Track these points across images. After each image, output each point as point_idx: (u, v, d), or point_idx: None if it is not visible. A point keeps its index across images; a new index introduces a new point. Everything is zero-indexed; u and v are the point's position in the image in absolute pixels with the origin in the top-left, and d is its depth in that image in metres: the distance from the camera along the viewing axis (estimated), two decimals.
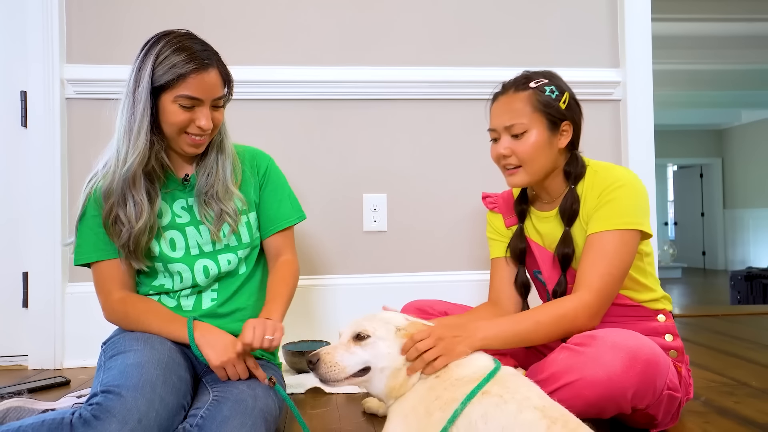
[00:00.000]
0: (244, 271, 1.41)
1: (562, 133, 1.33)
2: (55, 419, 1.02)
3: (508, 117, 1.31)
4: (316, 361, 1.13)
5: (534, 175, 1.33)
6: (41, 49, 2.00)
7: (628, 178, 1.29)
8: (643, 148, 2.21)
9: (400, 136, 2.17)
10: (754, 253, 8.10)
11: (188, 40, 1.27)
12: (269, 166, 1.47)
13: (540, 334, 1.21)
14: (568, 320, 1.19)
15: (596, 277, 1.22)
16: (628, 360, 1.08)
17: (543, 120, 1.30)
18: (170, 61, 1.23)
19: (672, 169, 9.89)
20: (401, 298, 1.65)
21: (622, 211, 1.25)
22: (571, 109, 1.33)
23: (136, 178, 1.26)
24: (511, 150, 1.32)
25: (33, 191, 2.00)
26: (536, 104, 1.30)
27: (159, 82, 1.23)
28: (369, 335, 1.14)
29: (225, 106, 1.35)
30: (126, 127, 1.26)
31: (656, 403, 1.17)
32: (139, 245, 1.29)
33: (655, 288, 1.36)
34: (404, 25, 2.17)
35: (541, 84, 1.31)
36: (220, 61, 1.31)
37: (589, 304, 1.20)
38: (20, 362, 2.04)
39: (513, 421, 0.97)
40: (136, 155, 1.25)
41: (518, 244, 1.43)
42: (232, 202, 1.35)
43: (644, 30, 2.22)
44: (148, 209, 1.28)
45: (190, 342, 1.23)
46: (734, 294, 5.35)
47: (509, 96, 1.33)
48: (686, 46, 4.99)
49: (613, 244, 1.24)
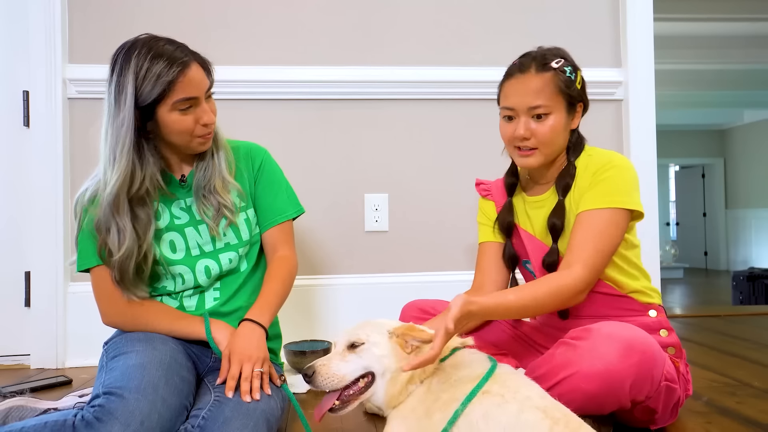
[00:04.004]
0: (246, 268, 1.41)
1: (576, 113, 1.35)
2: (58, 421, 1.02)
3: (532, 98, 1.28)
4: (312, 373, 1.11)
5: (548, 157, 1.34)
6: (43, 48, 2.00)
7: (620, 161, 1.31)
8: (645, 148, 2.21)
9: (401, 136, 2.17)
10: (756, 253, 8.08)
11: (157, 43, 1.22)
12: (264, 159, 1.45)
13: (538, 306, 1.22)
14: (564, 293, 1.20)
15: (588, 252, 1.23)
16: (624, 350, 1.09)
17: (563, 102, 1.30)
18: (153, 72, 1.18)
19: (674, 169, 9.87)
20: (402, 297, 1.65)
21: (612, 189, 1.27)
22: (584, 89, 1.35)
23: (119, 202, 1.23)
24: (531, 132, 1.30)
25: (35, 191, 2.01)
26: (559, 86, 1.29)
27: (150, 98, 1.19)
28: (363, 342, 1.13)
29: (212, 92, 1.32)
30: (110, 150, 1.22)
31: (655, 395, 1.17)
32: (125, 274, 1.26)
33: (640, 279, 1.36)
34: (406, 24, 2.17)
35: (562, 65, 1.31)
36: (194, 52, 1.28)
37: (582, 278, 1.21)
38: (22, 361, 2.05)
39: (515, 421, 0.97)
40: (116, 178, 1.21)
41: (506, 217, 1.43)
42: (230, 194, 1.34)
43: (646, 30, 2.22)
44: (132, 235, 1.24)
45: (207, 335, 1.24)
46: (736, 294, 5.34)
47: (531, 75, 1.29)
48: (688, 45, 4.98)
49: (604, 221, 1.25)
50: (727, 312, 3.06)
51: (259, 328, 1.26)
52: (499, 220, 1.44)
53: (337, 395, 1.13)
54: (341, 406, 1.13)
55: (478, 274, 1.50)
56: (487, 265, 1.48)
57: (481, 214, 1.53)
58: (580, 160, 1.35)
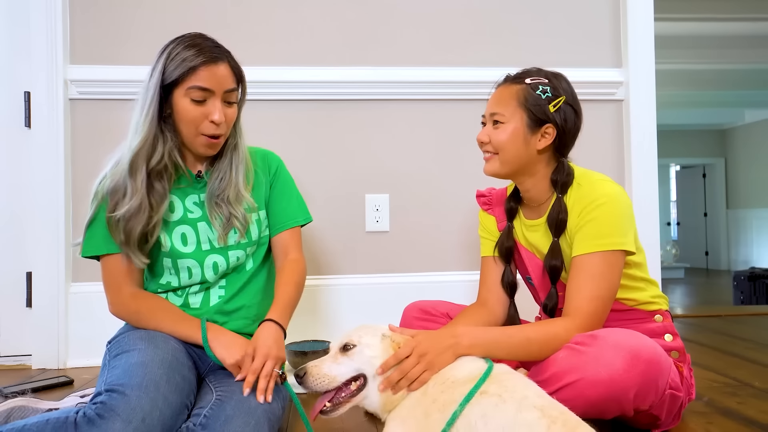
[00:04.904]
0: (251, 267, 1.42)
1: (544, 135, 1.31)
2: (60, 418, 1.02)
3: (494, 105, 1.35)
4: (303, 374, 1.13)
5: (506, 164, 1.33)
6: (45, 49, 2.01)
7: (609, 195, 1.26)
8: (646, 148, 2.21)
9: (402, 136, 2.17)
10: (757, 253, 8.07)
11: (200, 38, 1.30)
12: (279, 166, 1.50)
13: (529, 351, 1.19)
14: (558, 341, 1.17)
15: (585, 301, 1.21)
16: (630, 359, 1.08)
17: (523, 115, 1.30)
18: (181, 56, 1.25)
19: (675, 169, 9.86)
20: (403, 298, 1.65)
21: (602, 231, 1.24)
22: (560, 114, 1.30)
23: (136, 165, 1.27)
24: (489, 137, 1.34)
25: (37, 191, 2.01)
26: (522, 99, 1.30)
27: (171, 78, 1.25)
28: (355, 344, 1.15)
29: (240, 107, 1.36)
30: (135, 120, 1.29)
31: (659, 404, 1.17)
32: (130, 234, 1.27)
33: (647, 290, 1.35)
34: (407, 25, 2.17)
35: (536, 82, 1.31)
36: (232, 58, 1.33)
37: (579, 327, 1.19)
38: (24, 362, 2.05)
39: (513, 420, 0.97)
40: (138, 140, 1.26)
41: (505, 243, 1.42)
42: (242, 206, 1.36)
43: (647, 30, 2.22)
44: (144, 197, 1.27)
45: (203, 343, 1.24)
46: (737, 294, 5.33)
47: (504, 86, 1.36)
48: (689, 45, 4.98)
49: (599, 266, 1.23)
50: (728, 312, 3.06)
51: (280, 330, 1.28)
52: (499, 245, 1.44)
53: (330, 397, 1.14)
54: (332, 408, 1.14)
55: (482, 289, 1.49)
56: (490, 280, 1.48)
57: (482, 228, 1.53)
58: (571, 188, 1.32)
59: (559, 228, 1.30)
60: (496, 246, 1.46)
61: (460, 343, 1.15)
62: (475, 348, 1.15)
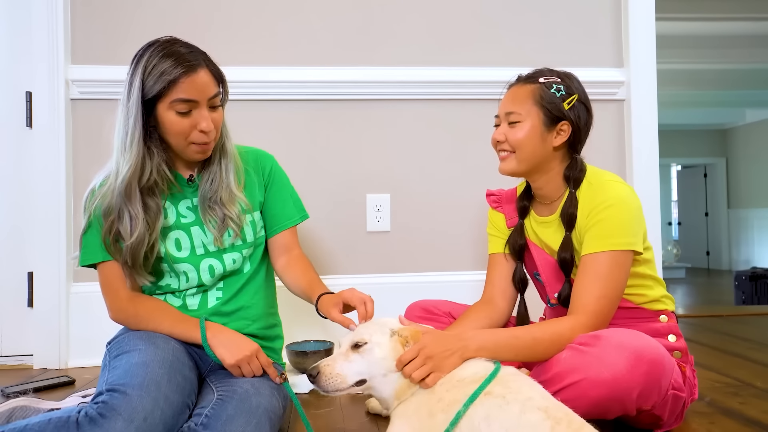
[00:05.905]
0: (249, 269, 1.41)
1: (559, 132, 1.34)
2: (62, 417, 1.02)
3: (509, 105, 1.36)
4: (316, 374, 1.13)
5: (523, 162, 1.35)
6: (46, 49, 2.01)
7: (619, 197, 1.27)
8: (647, 147, 2.20)
9: (403, 136, 2.17)
10: (759, 253, 8.06)
11: (173, 45, 1.26)
12: (273, 166, 1.49)
13: (536, 351, 1.20)
14: (564, 340, 1.17)
15: (592, 300, 1.22)
16: (633, 360, 1.08)
17: (539, 113, 1.32)
18: (158, 69, 1.21)
19: (676, 168, 9.85)
20: (405, 298, 1.65)
21: (612, 231, 1.25)
22: (574, 111, 1.33)
23: (131, 190, 1.25)
24: (505, 136, 1.35)
25: (38, 191, 2.01)
26: (538, 98, 1.32)
27: (151, 93, 1.22)
28: (366, 342, 1.15)
29: (223, 106, 1.33)
30: (120, 141, 1.26)
31: (662, 404, 1.17)
32: (136, 260, 1.28)
33: (655, 288, 1.36)
34: (408, 25, 2.17)
35: (550, 81, 1.34)
36: (209, 60, 1.29)
37: (585, 326, 1.19)
38: (25, 362, 2.05)
39: (516, 422, 0.97)
40: (128, 167, 1.24)
41: (518, 240, 1.43)
42: (235, 206, 1.35)
43: (648, 29, 2.22)
44: (144, 222, 1.26)
45: (203, 343, 1.24)
46: (738, 294, 5.32)
47: (518, 86, 1.38)
48: (690, 45, 4.97)
49: (607, 265, 1.24)
50: (730, 312, 3.06)
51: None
52: (510, 242, 1.45)
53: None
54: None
55: (488, 286, 1.50)
56: (497, 277, 1.48)
57: (491, 226, 1.54)
58: (582, 185, 1.34)
59: (571, 222, 1.31)
60: (506, 243, 1.46)
61: (468, 346, 1.15)
62: (483, 351, 1.15)
